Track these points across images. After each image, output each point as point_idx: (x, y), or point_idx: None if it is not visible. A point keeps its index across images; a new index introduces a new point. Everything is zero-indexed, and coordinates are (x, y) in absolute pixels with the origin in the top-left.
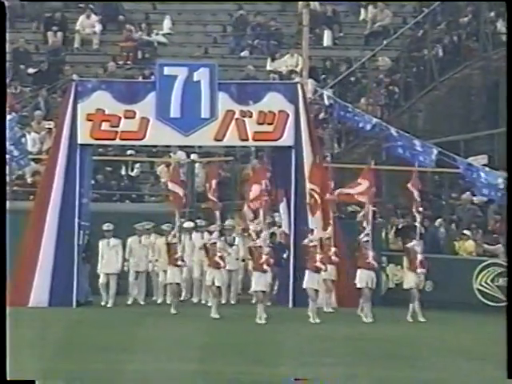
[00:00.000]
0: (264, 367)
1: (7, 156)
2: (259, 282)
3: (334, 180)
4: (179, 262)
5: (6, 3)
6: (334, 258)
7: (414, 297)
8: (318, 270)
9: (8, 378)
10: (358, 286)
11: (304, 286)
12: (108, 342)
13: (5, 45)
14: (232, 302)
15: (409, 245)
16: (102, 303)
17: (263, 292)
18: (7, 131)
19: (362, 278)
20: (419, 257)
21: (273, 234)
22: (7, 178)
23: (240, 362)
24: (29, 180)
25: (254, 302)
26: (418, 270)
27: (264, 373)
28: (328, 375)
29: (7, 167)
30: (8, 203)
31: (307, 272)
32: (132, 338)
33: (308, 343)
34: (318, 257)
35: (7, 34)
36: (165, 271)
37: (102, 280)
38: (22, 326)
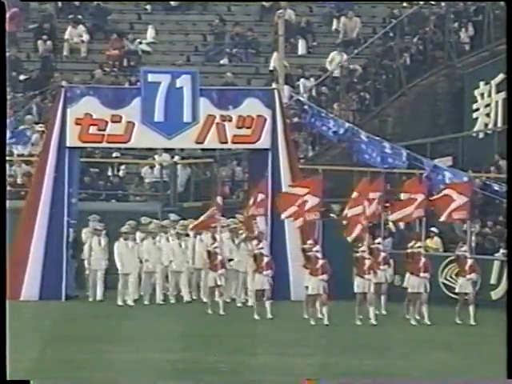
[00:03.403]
0: None
1: None
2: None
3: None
4: (220, 270)
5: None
6: (383, 263)
7: (469, 300)
8: (365, 276)
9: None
10: (410, 290)
11: (355, 290)
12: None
13: (4, 44)
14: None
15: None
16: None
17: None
18: None
19: (414, 284)
20: (469, 261)
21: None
22: None
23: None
24: (19, 181)
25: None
26: (468, 276)
27: None
28: None
29: None
30: None
31: (356, 278)
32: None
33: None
34: (367, 263)
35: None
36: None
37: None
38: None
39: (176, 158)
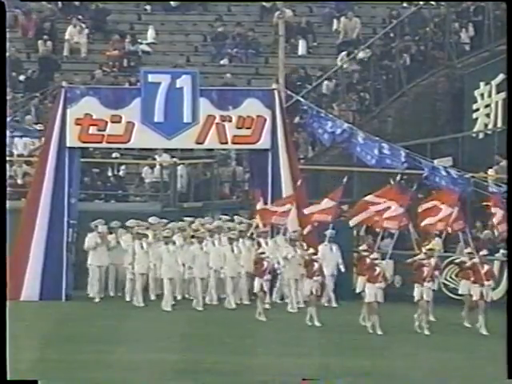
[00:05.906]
0: None
1: None
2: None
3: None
4: (266, 276)
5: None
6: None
7: None
8: (425, 284)
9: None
10: (474, 298)
11: (415, 299)
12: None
13: (5, 44)
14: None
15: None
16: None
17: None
18: None
19: (476, 292)
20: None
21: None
22: None
23: None
24: (19, 181)
25: None
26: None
27: None
28: None
29: None
30: None
31: (416, 285)
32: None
33: None
34: (426, 270)
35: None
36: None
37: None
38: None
39: (176, 158)
